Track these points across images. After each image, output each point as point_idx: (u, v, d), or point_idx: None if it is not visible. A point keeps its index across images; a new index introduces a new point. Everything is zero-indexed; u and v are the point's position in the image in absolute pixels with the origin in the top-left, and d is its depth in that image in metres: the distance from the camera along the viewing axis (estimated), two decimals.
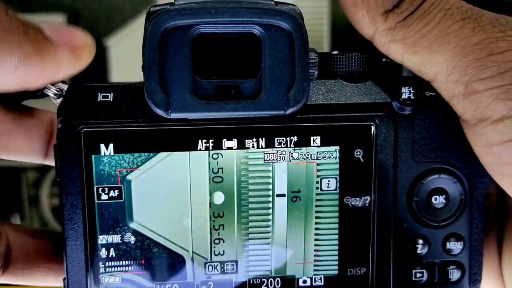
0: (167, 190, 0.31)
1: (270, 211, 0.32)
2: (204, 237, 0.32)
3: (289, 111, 0.30)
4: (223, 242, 0.32)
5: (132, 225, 0.31)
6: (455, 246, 0.33)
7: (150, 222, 0.31)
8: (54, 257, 0.33)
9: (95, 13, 0.86)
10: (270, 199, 0.32)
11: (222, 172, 0.31)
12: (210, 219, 0.32)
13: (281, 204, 0.32)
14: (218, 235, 0.32)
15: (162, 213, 0.31)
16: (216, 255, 0.32)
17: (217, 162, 0.31)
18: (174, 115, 0.29)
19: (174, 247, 0.32)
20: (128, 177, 0.31)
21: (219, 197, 0.32)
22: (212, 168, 0.31)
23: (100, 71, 0.83)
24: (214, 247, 0.32)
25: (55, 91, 0.30)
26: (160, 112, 0.29)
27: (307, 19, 0.30)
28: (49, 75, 0.27)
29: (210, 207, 0.32)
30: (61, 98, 0.30)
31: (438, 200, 0.32)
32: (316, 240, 0.32)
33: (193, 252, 0.32)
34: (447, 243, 0.33)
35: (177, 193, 0.31)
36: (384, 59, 0.32)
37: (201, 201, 0.32)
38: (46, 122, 0.34)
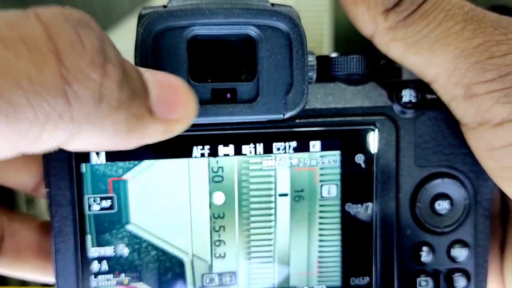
0: (165, 193, 0.30)
1: (273, 211, 0.31)
2: (204, 238, 0.31)
3: (288, 114, 0.29)
4: (224, 244, 0.31)
5: (126, 235, 0.30)
6: (460, 253, 0.32)
7: (147, 228, 0.30)
8: (44, 253, 0.32)
9: (92, 9, 0.85)
10: (273, 198, 0.31)
11: (223, 172, 0.30)
12: (211, 220, 0.31)
13: (283, 204, 0.31)
14: (219, 236, 0.31)
15: (160, 217, 0.30)
16: (216, 257, 0.31)
17: (217, 161, 0.30)
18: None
19: (173, 250, 0.31)
20: (121, 185, 0.30)
21: (219, 198, 0.31)
22: (212, 168, 0.30)
23: None
24: (215, 249, 0.31)
25: None
26: None
27: (308, 20, 0.29)
28: (121, 147, 0.23)
29: (210, 207, 0.31)
30: None
31: (442, 206, 0.32)
32: (318, 247, 0.32)
33: (193, 255, 0.31)
34: (452, 249, 0.32)
35: (176, 195, 0.30)
36: (382, 62, 0.31)
37: (201, 202, 0.31)
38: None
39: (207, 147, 0.30)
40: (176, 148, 0.30)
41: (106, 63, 0.19)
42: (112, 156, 0.29)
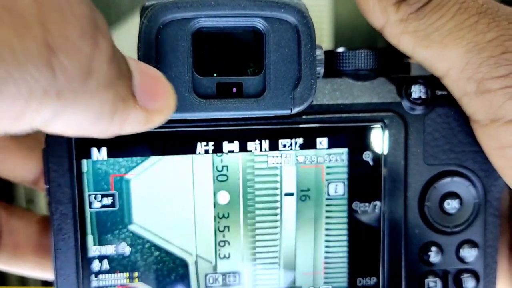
0: (168, 193, 0.29)
1: (278, 211, 0.30)
2: (208, 239, 0.30)
3: (295, 110, 0.28)
4: (229, 244, 0.30)
5: (128, 234, 0.29)
6: (469, 253, 0.31)
7: (149, 228, 0.29)
8: (43, 250, 0.31)
9: None
10: (278, 198, 0.30)
11: (227, 170, 0.30)
12: (215, 220, 0.30)
13: (289, 204, 0.30)
14: (223, 237, 0.30)
15: (163, 216, 0.29)
16: (221, 258, 0.30)
17: (222, 159, 0.29)
18: (172, 115, 0.27)
19: (176, 251, 0.30)
20: (123, 183, 0.29)
21: (224, 197, 0.30)
22: (216, 166, 0.29)
23: None
24: (219, 249, 0.30)
25: None
26: None
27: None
28: (102, 133, 0.21)
29: (214, 207, 0.30)
30: None
31: (451, 205, 0.31)
32: (325, 247, 0.31)
33: (197, 256, 0.30)
34: (461, 250, 0.31)
35: (179, 194, 0.29)
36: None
37: (205, 201, 0.30)
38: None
39: (211, 143, 0.29)
40: (179, 143, 0.29)
41: (98, 34, 0.17)
42: (113, 152, 0.28)
